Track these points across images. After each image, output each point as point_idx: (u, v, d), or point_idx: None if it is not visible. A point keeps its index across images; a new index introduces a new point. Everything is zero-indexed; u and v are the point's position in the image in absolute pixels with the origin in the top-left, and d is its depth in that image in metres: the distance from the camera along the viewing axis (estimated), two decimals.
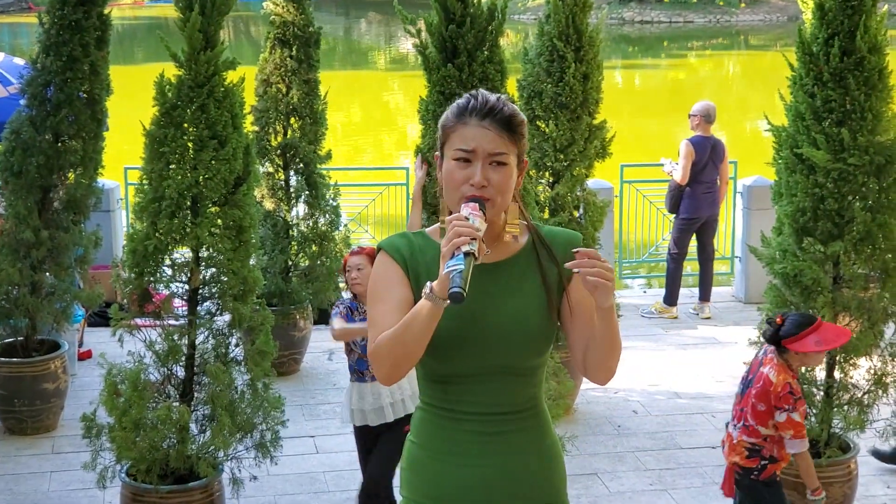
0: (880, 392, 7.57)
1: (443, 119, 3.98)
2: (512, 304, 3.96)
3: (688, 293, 13.69)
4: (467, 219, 3.70)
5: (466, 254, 3.62)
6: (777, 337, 6.65)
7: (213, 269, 7.15)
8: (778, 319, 6.72)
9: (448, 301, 3.61)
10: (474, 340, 3.89)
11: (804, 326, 6.60)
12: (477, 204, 3.79)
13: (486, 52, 7.28)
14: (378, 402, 7.15)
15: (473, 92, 3.97)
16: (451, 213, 3.89)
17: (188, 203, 6.96)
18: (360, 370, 7.21)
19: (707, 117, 12.73)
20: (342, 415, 7.43)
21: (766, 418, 6.61)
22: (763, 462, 6.71)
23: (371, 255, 7.13)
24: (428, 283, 3.68)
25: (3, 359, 9.26)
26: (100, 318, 11.35)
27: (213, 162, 6.89)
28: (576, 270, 3.72)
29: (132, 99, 14.40)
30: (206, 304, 7.24)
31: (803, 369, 7.45)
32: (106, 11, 9.20)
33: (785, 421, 6.55)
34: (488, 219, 3.82)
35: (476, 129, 3.86)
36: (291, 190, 11.10)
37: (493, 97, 3.92)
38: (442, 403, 4.01)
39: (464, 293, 3.55)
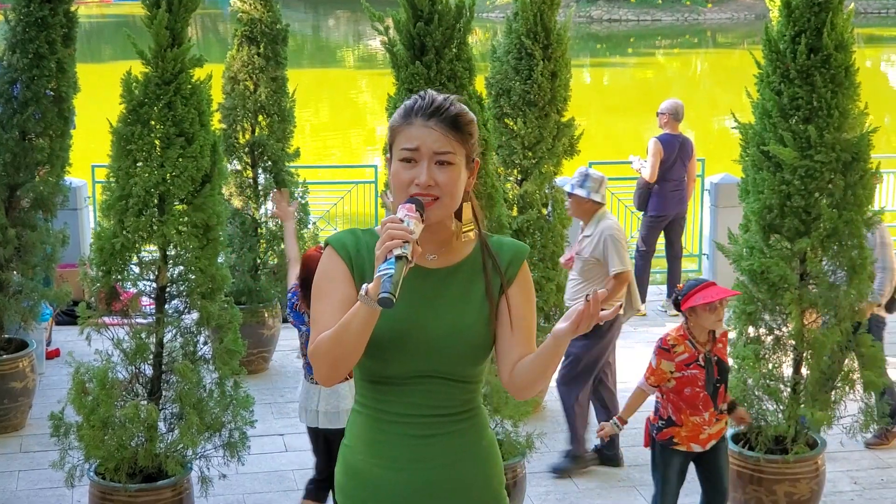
0: (847, 388, 7.60)
1: (391, 120, 3.95)
2: (454, 311, 3.92)
3: (656, 290, 13.73)
4: (402, 221, 3.64)
5: (398, 257, 3.55)
6: (677, 302, 6.96)
7: (181, 267, 7.14)
8: (679, 286, 7.08)
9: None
10: (414, 345, 3.84)
11: (692, 288, 6.86)
12: (413, 205, 3.73)
13: (454, 50, 7.27)
14: (334, 406, 7.15)
15: (422, 92, 3.93)
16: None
17: (155, 201, 6.94)
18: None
19: (675, 115, 12.78)
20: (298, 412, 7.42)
21: None
22: (661, 421, 6.97)
23: None
24: (364, 286, 3.62)
25: None
26: (67, 317, 11.32)
27: (180, 159, 6.87)
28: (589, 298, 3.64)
29: (99, 97, 14.36)
30: (174, 302, 7.23)
31: (771, 366, 7.51)
32: (72, 9, 9.17)
33: (648, 363, 6.93)
34: (436, 219, 3.79)
35: (421, 129, 3.82)
36: (259, 188, 11.08)
37: (440, 97, 3.88)
38: (376, 405, 3.95)
39: (393, 298, 3.49)
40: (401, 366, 3.87)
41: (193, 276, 7.09)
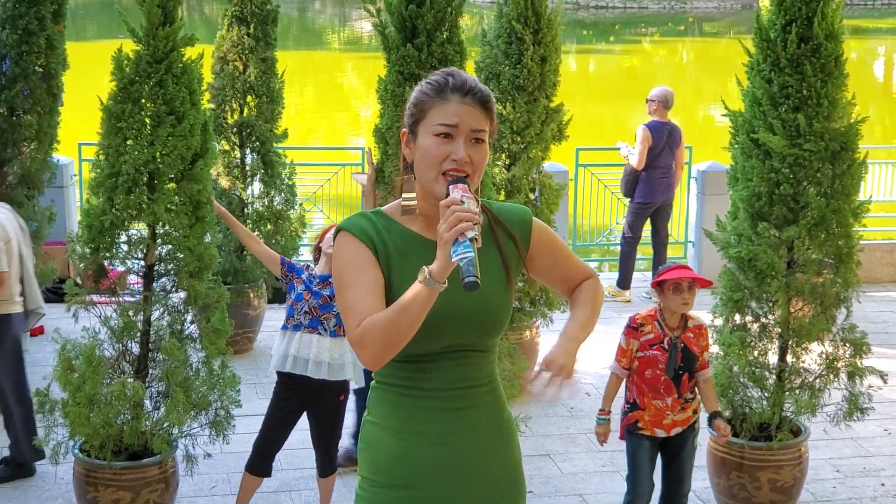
0: (832, 376, 7.62)
1: (417, 95, 3.95)
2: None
3: (641, 277, 13.76)
4: (462, 202, 3.64)
5: (471, 239, 3.56)
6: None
7: (170, 246, 7.13)
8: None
9: (445, 285, 3.61)
10: (440, 322, 3.83)
11: (667, 267, 6.94)
12: (465, 185, 3.75)
13: (445, 33, 7.28)
14: (316, 355, 7.05)
15: (448, 70, 3.97)
16: (411, 191, 3.92)
17: (145, 179, 6.93)
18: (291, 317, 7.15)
19: (665, 103, 12.78)
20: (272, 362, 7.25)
21: None
22: (627, 405, 7.00)
23: None
24: (425, 268, 3.63)
25: None
26: (52, 294, 11.29)
27: (170, 138, 6.86)
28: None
29: (84, 75, 14.31)
30: (162, 280, 7.22)
31: (756, 353, 7.54)
32: None
33: (617, 345, 6.98)
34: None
35: (459, 106, 3.85)
36: (247, 168, 11.07)
37: (469, 76, 3.93)
38: (404, 382, 3.98)
39: (479, 281, 3.52)
40: (429, 343, 3.89)
41: (181, 255, 7.09)
